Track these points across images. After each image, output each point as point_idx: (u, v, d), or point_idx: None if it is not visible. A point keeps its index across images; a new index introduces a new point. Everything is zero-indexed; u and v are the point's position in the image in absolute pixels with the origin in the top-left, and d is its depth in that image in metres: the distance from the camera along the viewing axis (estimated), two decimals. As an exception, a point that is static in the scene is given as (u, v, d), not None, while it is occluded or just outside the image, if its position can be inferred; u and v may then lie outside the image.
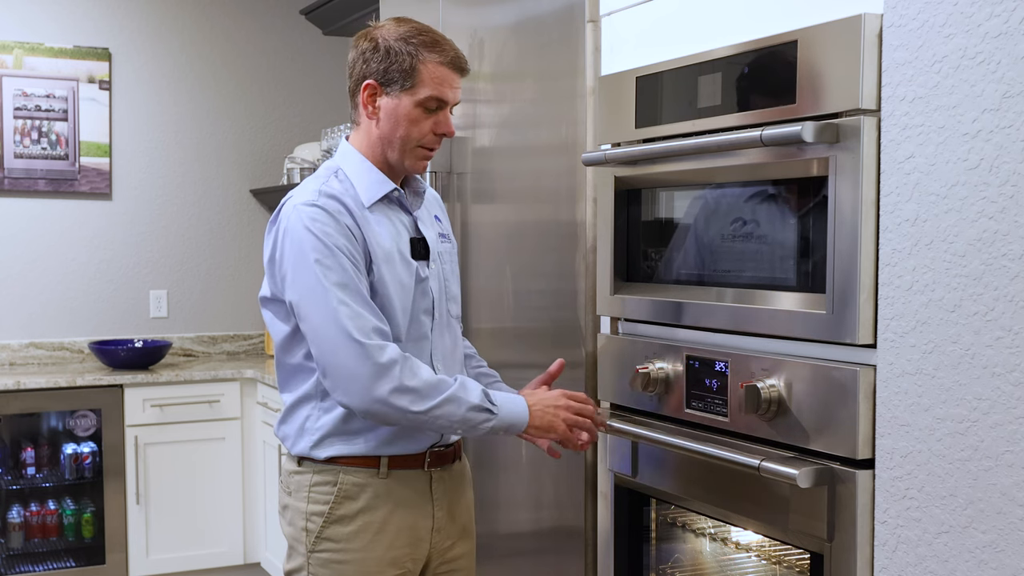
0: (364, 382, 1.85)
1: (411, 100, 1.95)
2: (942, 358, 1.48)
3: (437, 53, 1.95)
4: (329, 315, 1.86)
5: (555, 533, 2.46)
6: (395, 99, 1.96)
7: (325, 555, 1.98)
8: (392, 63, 1.94)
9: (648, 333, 2.12)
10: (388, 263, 1.96)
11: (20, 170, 4.55)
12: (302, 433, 2.00)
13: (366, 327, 1.86)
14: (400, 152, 1.98)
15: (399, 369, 1.85)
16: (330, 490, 1.97)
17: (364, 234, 1.94)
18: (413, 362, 1.88)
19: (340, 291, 1.87)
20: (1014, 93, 1.38)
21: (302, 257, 1.89)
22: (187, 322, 4.89)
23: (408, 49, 1.94)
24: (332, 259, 1.88)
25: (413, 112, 1.95)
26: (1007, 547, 1.41)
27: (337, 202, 1.93)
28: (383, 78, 1.96)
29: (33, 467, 4.31)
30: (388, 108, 1.97)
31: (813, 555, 1.72)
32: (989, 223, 1.42)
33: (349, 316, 1.86)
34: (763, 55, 1.77)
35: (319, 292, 1.87)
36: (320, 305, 1.87)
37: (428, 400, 1.86)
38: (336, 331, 1.86)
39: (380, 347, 1.86)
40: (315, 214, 1.90)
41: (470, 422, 1.90)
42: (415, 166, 2.01)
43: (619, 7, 2.19)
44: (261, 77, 5.00)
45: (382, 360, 1.85)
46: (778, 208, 1.82)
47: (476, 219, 2.76)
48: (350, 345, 1.85)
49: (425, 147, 1.99)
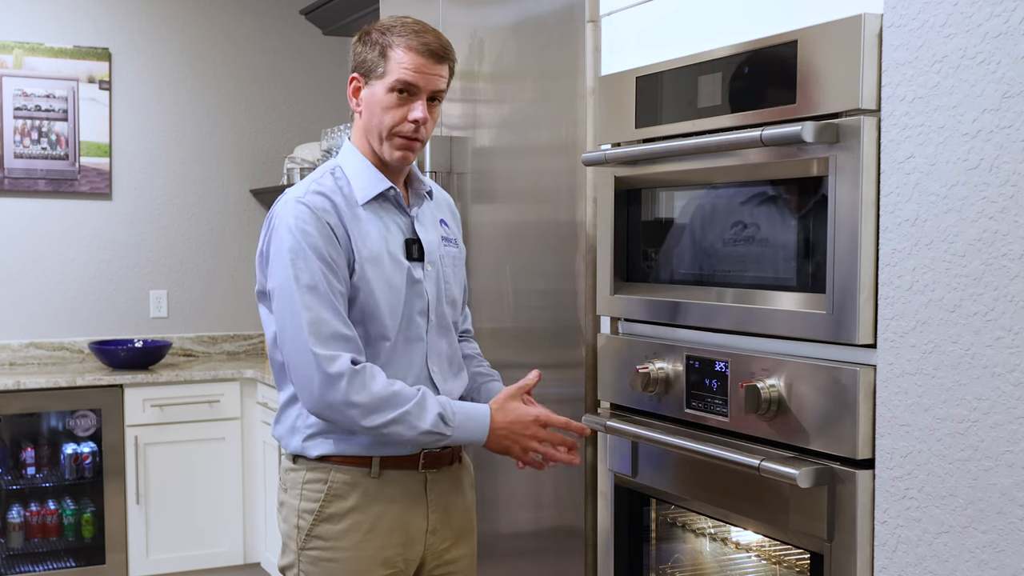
0: (313, 389, 1.88)
1: (383, 86, 1.96)
2: (942, 358, 1.48)
3: (409, 38, 1.94)
4: (292, 316, 1.89)
5: (555, 533, 2.46)
6: (371, 88, 1.98)
7: (315, 553, 1.98)
8: (368, 53, 1.97)
9: (648, 333, 2.12)
10: (374, 263, 1.96)
11: (20, 170, 4.55)
12: (293, 431, 2.02)
13: (324, 333, 1.88)
14: (378, 140, 1.99)
15: (346, 382, 1.86)
16: (321, 488, 1.98)
17: (350, 233, 1.94)
18: (366, 374, 1.88)
19: (306, 293, 1.88)
20: (1014, 93, 1.38)
21: (280, 254, 1.92)
22: (187, 322, 4.89)
23: (382, 38, 1.96)
24: (304, 260, 1.89)
25: (385, 98, 1.96)
26: (1007, 547, 1.41)
27: (325, 199, 1.94)
28: (363, 69, 1.98)
29: (33, 467, 4.31)
30: (366, 98, 1.99)
31: (813, 555, 1.72)
32: (989, 223, 1.41)
33: (309, 321, 1.88)
34: (763, 55, 1.77)
35: (288, 291, 1.90)
36: (286, 304, 1.90)
37: (377, 416, 1.87)
38: (295, 334, 1.89)
39: (331, 357, 1.86)
40: (299, 212, 1.92)
41: (422, 443, 1.93)
42: (394, 156, 1.98)
43: (619, 7, 2.19)
44: (261, 77, 5.00)
45: (330, 371, 1.86)
46: (778, 208, 1.82)
47: (476, 219, 2.76)
48: (304, 351, 1.88)
49: (401, 135, 1.97)
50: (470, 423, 1.93)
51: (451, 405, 1.93)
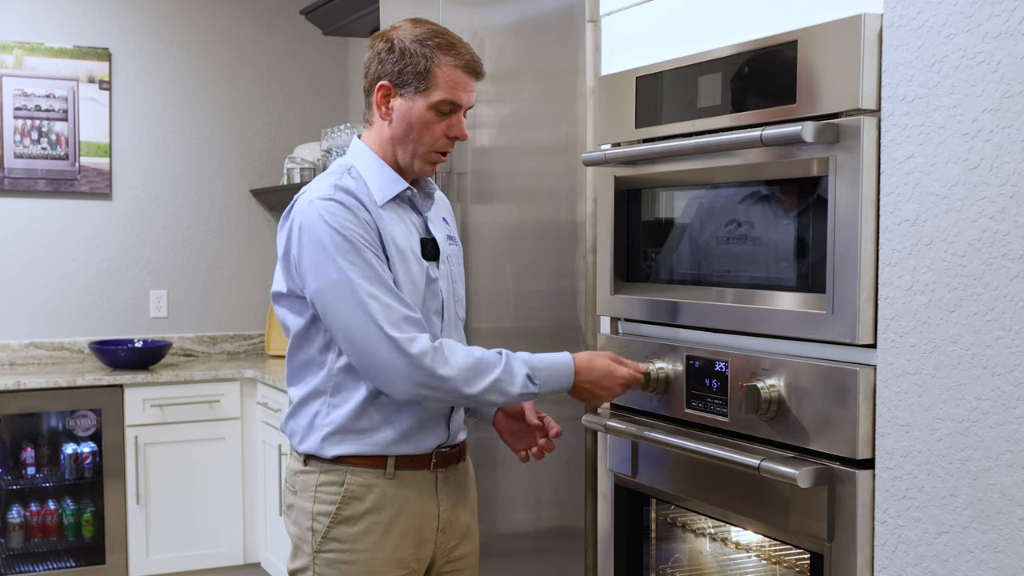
0: (401, 372, 1.86)
1: (425, 103, 1.94)
2: (942, 358, 1.48)
3: (452, 56, 1.94)
4: (359, 310, 1.87)
5: (555, 533, 2.46)
6: (409, 101, 1.95)
7: (331, 555, 1.97)
8: (407, 65, 1.94)
9: (648, 333, 2.12)
10: (402, 261, 1.96)
11: (20, 170, 4.55)
12: (311, 429, 2.00)
13: (396, 318, 1.87)
14: (411, 155, 1.98)
15: (430, 359, 1.86)
16: (337, 490, 1.97)
17: (380, 230, 1.94)
18: (445, 349, 1.89)
19: (368, 284, 1.87)
20: (1014, 93, 1.38)
21: (323, 252, 1.89)
22: (187, 322, 4.89)
23: (423, 51, 1.93)
24: (355, 253, 1.88)
25: (426, 115, 1.95)
26: (1007, 547, 1.41)
27: (353, 197, 1.92)
28: (397, 79, 1.95)
29: (33, 467, 4.31)
30: (401, 110, 1.96)
31: (813, 555, 1.72)
32: (989, 223, 1.41)
33: (379, 309, 1.86)
34: (763, 55, 1.77)
35: (345, 287, 1.87)
36: (348, 300, 1.87)
37: (471, 385, 1.88)
38: (368, 326, 1.86)
39: (410, 339, 1.86)
40: (332, 208, 1.90)
41: (515, 401, 1.95)
42: (424, 169, 2.00)
43: (619, 7, 2.19)
44: (261, 77, 5.00)
45: (414, 351, 1.85)
46: (778, 208, 1.82)
47: (476, 219, 2.76)
48: (382, 339, 1.86)
49: (437, 151, 1.99)
50: (553, 380, 1.94)
51: (533, 360, 1.94)
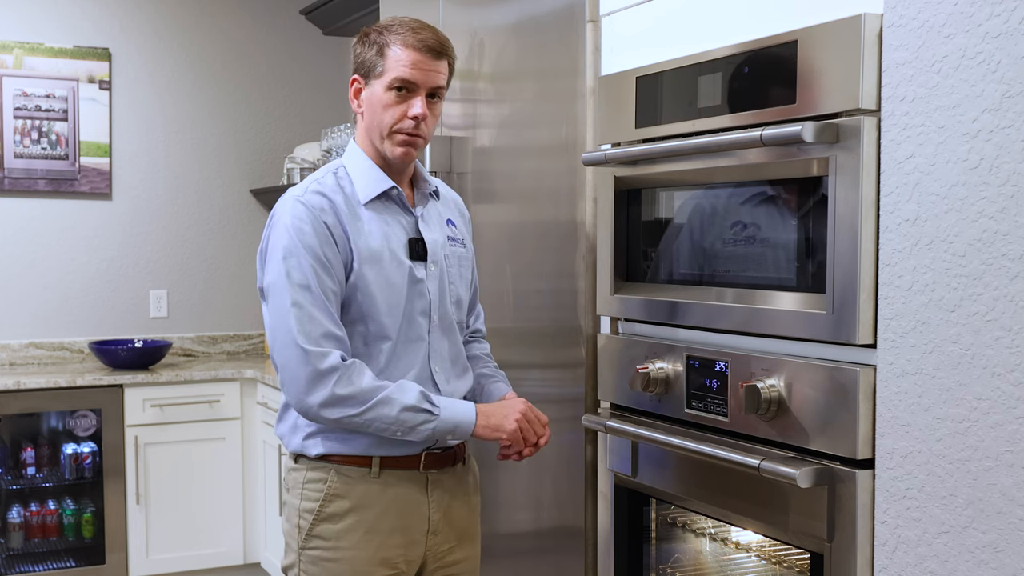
0: (301, 385, 1.89)
1: (381, 85, 1.97)
2: (942, 358, 1.48)
3: (405, 35, 1.96)
4: (283, 314, 1.91)
5: (555, 533, 2.46)
6: (371, 87, 1.99)
7: (315, 552, 1.98)
8: (367, 53, 1.99)
9: (648, 333, 2.12)
10: (374, 262, 1.96)
11: (20, 170, 4.54)
12: (295, 430, 2.03)
13: (315, 332, 1.89)
14: (380, 139, 2.00)
15: (335, 377, 1.88)
16: (321, 487, 1.98)
17: (348, 232, 1.95)
18: (354, 370, 1.90)
19: (298, 292, 1.90)
20: (1014, 93, 1.38)
21: (274, 251, 1.94)
22: (187, 322, 4.89)
23: (379, 38, 1.98)
24: (297, 258, 1.91)
25: (384, 97, 1.97)
26: (1007, 547, 1.41)
27: (324, 198, 1.95)
28: (362, 70, 2.00)
29: (33, 467, 4.31)
30: (367, 98, 2.00)
31: (813, 555, 1.72)
32: (989, 223, 1.42)
33: (299, 318, 1.89)
34: (763, 55, 1.77)
35: (280, 288, 1.92)
36: (277, 304, 1.92)
37: (361, 405, 1.89)
38: (285, 332, 1.90)
39: (322, 354, 1.88)
40: (297, 210, 1.94)
41: (407, 423, 1.91)
42: (396, 153, 1.99)
43: (619, 7, 2.19)
44: (261, 77, 4.99)
45: (321, 367, 1.88)
46: (778, 208, 1.82)
47: (476, 219, 2.75)
48: (294, 348, 1.89)
49: (402, 133, 1.98)
50: (456, 405, 1.96)
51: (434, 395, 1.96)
